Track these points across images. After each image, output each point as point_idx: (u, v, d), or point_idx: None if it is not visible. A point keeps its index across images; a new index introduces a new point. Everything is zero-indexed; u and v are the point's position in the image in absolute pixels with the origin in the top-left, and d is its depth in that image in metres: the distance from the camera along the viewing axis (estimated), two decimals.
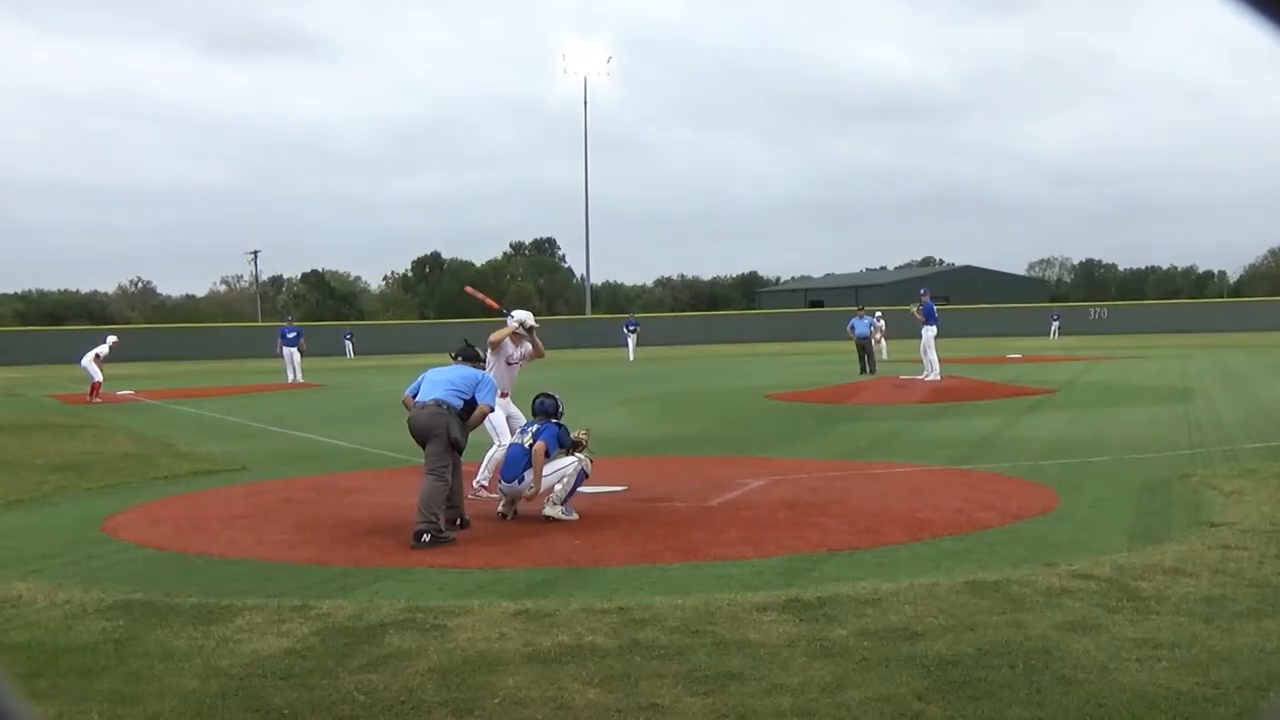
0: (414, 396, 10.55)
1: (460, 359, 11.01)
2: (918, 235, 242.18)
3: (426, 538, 9.61)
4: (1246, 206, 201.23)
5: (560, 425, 11.08)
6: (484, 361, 11.32)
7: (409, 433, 10.47)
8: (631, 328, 54.00)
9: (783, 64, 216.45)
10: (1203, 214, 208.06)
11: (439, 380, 10.52)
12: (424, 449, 10.29)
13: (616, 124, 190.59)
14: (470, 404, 10.43)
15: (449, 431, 10.19)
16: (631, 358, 50.94)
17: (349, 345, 70.36)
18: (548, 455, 10.75)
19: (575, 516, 10.52)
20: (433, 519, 9.76)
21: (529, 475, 10.64)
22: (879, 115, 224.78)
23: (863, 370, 33.56)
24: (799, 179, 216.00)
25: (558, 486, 10.61)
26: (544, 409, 11.31)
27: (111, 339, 34.00)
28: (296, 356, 38.15)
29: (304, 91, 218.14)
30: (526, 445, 10.82)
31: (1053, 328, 70.89)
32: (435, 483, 9.99)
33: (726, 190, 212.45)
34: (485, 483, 11.84)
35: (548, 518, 10.44)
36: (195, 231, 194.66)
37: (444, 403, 10.27)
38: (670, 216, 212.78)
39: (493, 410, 10.79)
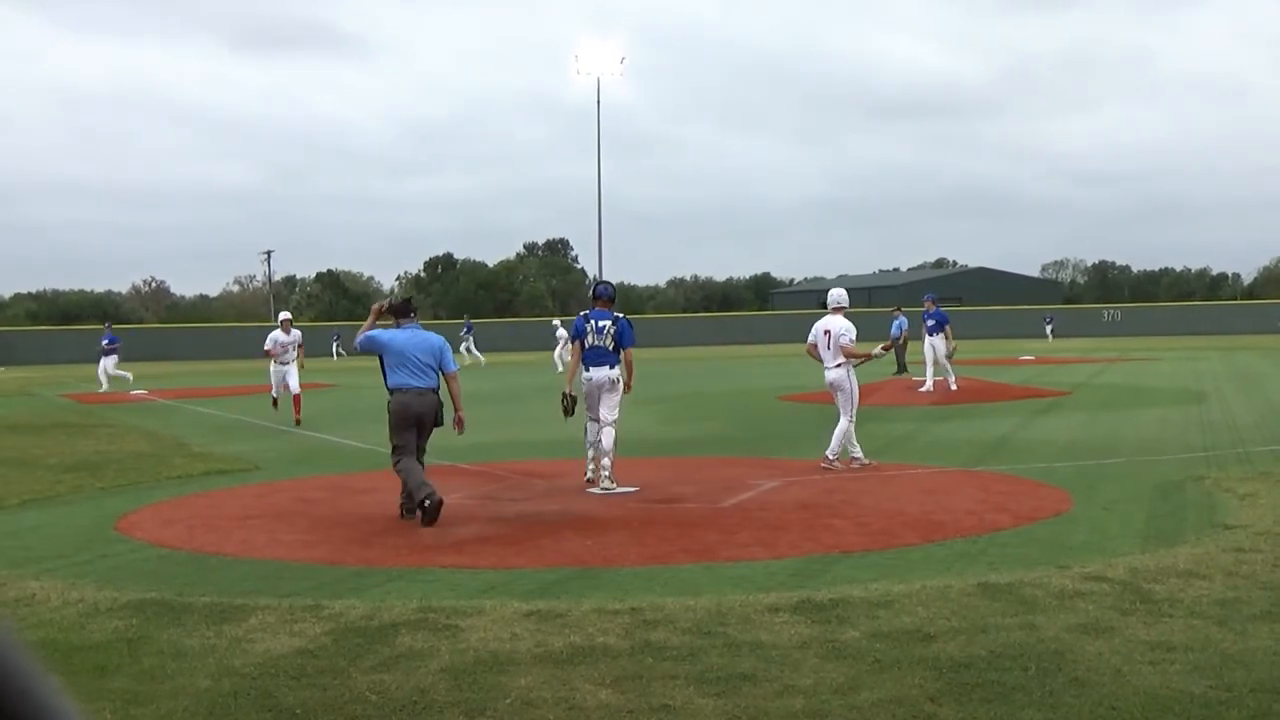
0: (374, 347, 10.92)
1: (403, 317, 11.20)
2: (938, 235, 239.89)
3: (428, 503, 10.31)
4: (1263, 208, 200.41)
5: (628, 320, 12.24)
6: (415, 314, 11.56)
7: (397, 414, 10.80)
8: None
9: (811, 61, 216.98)
10: (1218, 215, 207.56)
11: (424, 363, 10.87)
12: (406, 430, 10.73)
13: (639, 122, 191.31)
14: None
15: (439, 417, 10.92)
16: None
17: (335, 346, 67.49)
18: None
19: (635, 489, 11.67)
20: (433, 488, 10.49)
21: (618, 369, 12.13)
22: (907, 114, 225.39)
23: (899, 370, 33.05)
24: (821, 178, 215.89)
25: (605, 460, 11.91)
26: (606, 294, 12.47)
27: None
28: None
29: (322, 90, 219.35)
30: (609, 347, 12.07)
31: (1047, 330, 69.86)
32: (422, 459, 10.87)
33: (747, 189, 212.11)
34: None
35: (605, 490, 11.74)
36: (209, 231, 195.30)
37: (434, 389, 10.91)
38: (689, 216, 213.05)
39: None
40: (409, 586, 8.07)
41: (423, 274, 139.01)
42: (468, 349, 51.07)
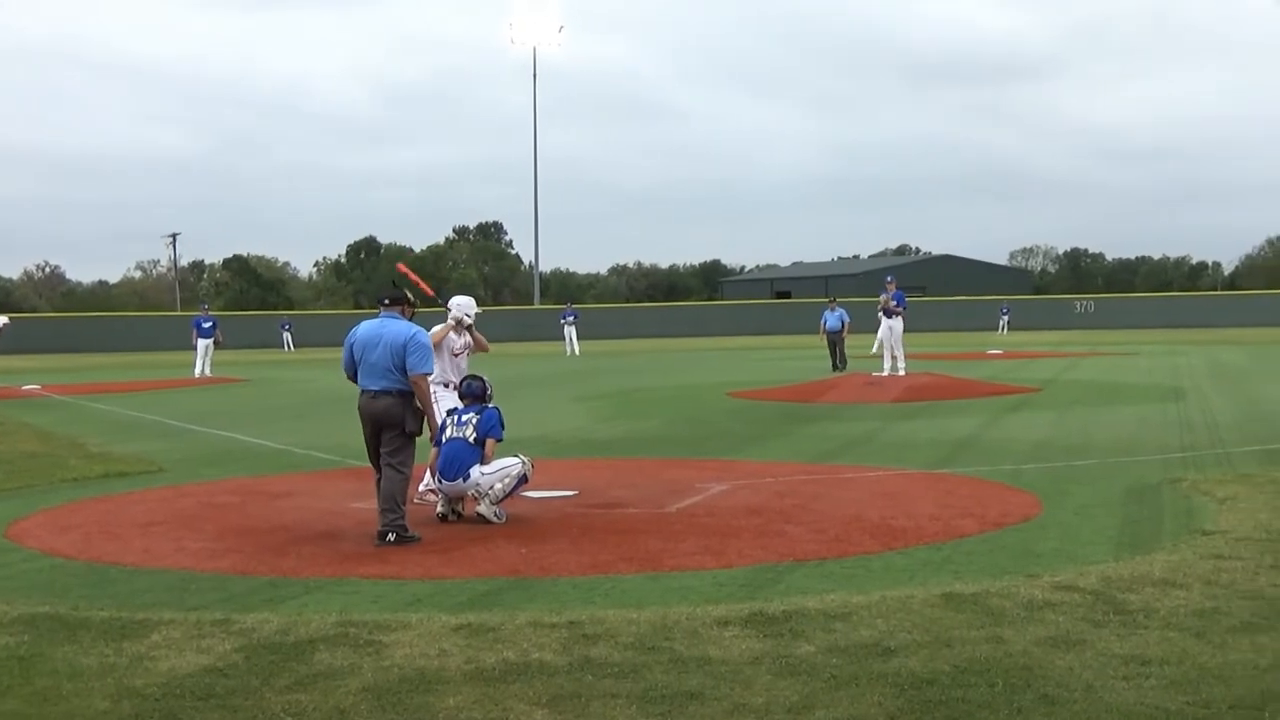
0: (353, 373, 10.32)
1: (388, 303, 10.62)
2: (928, 220, 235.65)
3: (392, 537, 9.77)
4: (1247, 192, 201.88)
5: (497, 409, 11.21)
6: (415, 307, 10.93)
7: (359, 419, 10.33)
8: (569, 318, 53.73)
9: (839, 17, 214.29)
10: (1200, 201, 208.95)
11: (377, 362, 10.14)
12: (368, 437, 10.28)
13: (627, 88, 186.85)
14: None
15: (404, 424, 10.16)
16: (577, 350, 51.14)
17: (287, 336, 69.85)
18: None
19: (505, 520, 10.58)
20: (398, 517, 9.87)
21: (474, 472, 10.68)
22: (925, 80, 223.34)
23: (835, 367, 33.88)
24: (824, 153, 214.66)
25: (497, 485, 10.69)
26: (472, 391, 11.43)
27: (2, 319, 33.41)
28: (211, 349, 38.25)
29: (273, 48, 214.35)
30: (470, 440, 10.87)
31: (1001, 322, 69.99)
32: (396, 475, 10.05)
33: (736, 168, 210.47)
34: (434, 487, 11.70)
35: (479, 516, 10.60)
36: (109, 212, 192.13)
37: (393, 390, 10.12)
38: (661, 195, 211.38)
39: (429, 375, 10.53)
40: (328, 599, 8.02)
41: (343, 259, 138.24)
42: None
